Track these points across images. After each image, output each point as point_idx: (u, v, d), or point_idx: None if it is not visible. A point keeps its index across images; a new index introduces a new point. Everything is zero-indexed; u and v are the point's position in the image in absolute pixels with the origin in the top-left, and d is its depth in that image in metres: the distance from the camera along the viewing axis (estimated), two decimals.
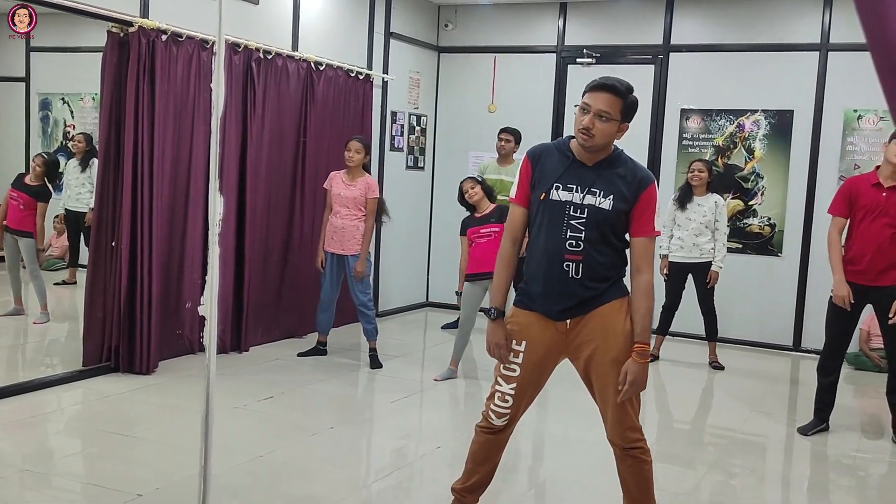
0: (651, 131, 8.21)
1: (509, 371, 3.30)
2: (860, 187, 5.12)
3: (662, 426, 5.63)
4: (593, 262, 3.15)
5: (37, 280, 7.07)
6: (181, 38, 5.91)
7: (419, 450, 4.84)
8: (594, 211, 3.13)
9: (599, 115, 3.08)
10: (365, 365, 6.54)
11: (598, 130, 3.08)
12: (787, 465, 5.01)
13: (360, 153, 6.32)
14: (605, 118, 3.08)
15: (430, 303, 9.30)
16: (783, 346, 7.82)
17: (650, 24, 8.21)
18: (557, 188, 3.17)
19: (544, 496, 4.29)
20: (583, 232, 3.14)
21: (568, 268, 3.16)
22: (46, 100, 8.91)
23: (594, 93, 3.12)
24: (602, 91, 3.11)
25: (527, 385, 3.32)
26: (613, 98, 3.10)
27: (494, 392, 3.34)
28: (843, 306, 5.06)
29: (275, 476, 4.18)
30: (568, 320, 3.22)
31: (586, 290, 3.17)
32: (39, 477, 4.06)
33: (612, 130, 3.11)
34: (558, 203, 3.16)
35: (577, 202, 3.14)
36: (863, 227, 5.03)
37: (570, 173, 3.18)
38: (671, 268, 7.01)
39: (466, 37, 9.00)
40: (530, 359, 3.27)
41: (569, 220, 3.14)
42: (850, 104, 7.50)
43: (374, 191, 6.37)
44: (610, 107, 3.09)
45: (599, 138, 3.10)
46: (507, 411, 3.33)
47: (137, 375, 5.75)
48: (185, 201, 6.15)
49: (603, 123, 3.08)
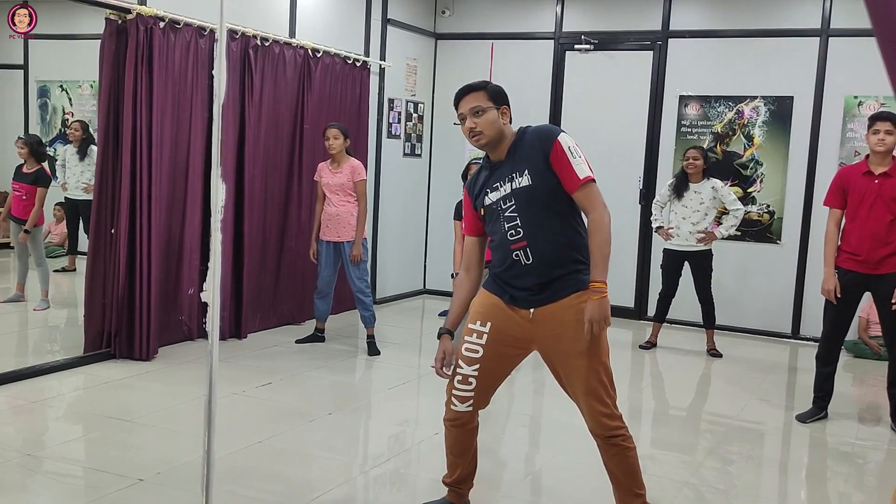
0: (649, 118, 8.21)
1: (472, 353, 3.33)
2: (852, 176, 5.12)
3: (660, 413, 5.64)
4: (538, 243, 3.19)
5: (42, 267, 7.15)
6: (179, 25, 5.90)
7: (417, 436, 4.85)
8: (518, 192, 3.20)
9: (474, 112, 3.22)
10: (363, 352, 6.55)
11: (482, 124, 3.21)
12: (785, 452, 5.02)
13: (338, 139, 6.33)
14: (480, 111, 3.22)
15: (428, 290, 9.31)
16: (782, 334, 7.84)
17: (648, 9, 8.19)
18: (486, 193, 3.30)
19: (540, 483, 4.31)
20: (517, 217, 3.21)
21: (517, 257, 3.23)
22: (45, 87, 8.90)
23: (459, 101, 3.29)
24: (464, 95, 3.28)
25: (490, 367, 3.34)
26: (476, 93, 3.27)
27: (454, 376, 3.37)
28: (829, 299, 5.09)
29: (273, 462, 4.19)
30: (531, 309, 3.24)
31: (542, 275, 3.20)
32: (41, 462, 4.07)
33: (493, 117, 3.24)
34: (491, 205, 3.29)
35: (505, 193, 3.24)
36: (860, 216, 5.03)
37: (491, 177, 3.30)
38: (667, 256, 7.02)
39: (463, 23, 8.98)
40: (493, 340, 3.31)
41: (503, 213, 3.24)
42: (850, 90, 7.49)
43: (361, 173, 6.38)
44: (477, 100, 3.25)
45: (487, 130, 3.22)
46: (469, 394, 3.35)
47: (137, 361, 5.77)
48: (184, 188, 6.16)
49: (481, 117, 3.22)
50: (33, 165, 7.03)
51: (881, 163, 5.01)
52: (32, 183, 6.97)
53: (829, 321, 5.25)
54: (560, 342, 3.22)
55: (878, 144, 4.96)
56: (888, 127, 4.95)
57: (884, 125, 4.96)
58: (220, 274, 2.22)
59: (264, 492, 3.84)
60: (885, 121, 4.97)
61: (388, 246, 8.64)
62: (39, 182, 6.99)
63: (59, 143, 8.79)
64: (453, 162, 8.67)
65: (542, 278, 3.20)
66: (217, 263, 2.19)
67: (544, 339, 3.26)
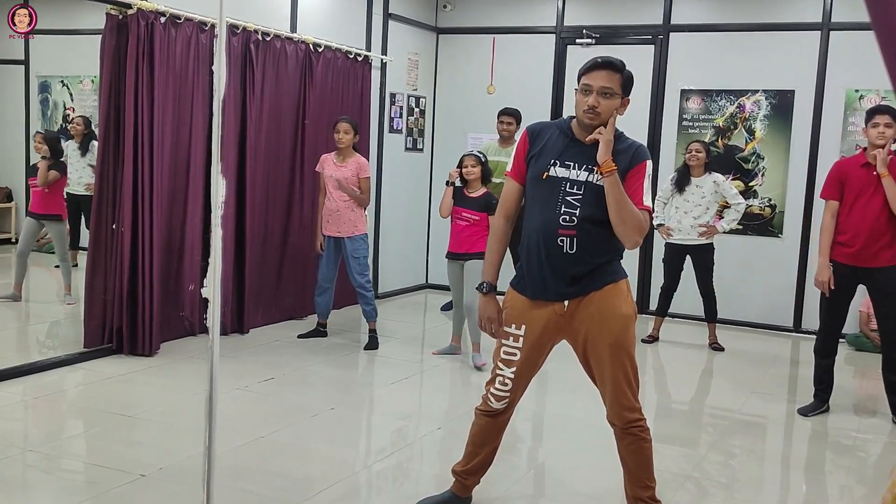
0: (651, 112, 8.20)
1: (510, 356, 3.33)
2: (849, 169, 5.12)
3: (662, 407, 5.65)
4: (587, 237, 3.17)
5: (65, 263, 7.26)
6: (180, 20, 5.90)
7: (419, 430, 4.86)
8: (591, 187, 3.15)
9: (603, 92, 3.14)
10: (365, 346, 6.55)
11: (604, 107, 3.14)
12: (786, 445, 5.03)
13: (348, 133, 6.32)
14: (608, 94, 3.15)
15: (430, 285, 9.31)
16: (783, 328, 7.84)
17: (650, 4, 8.17)
18: (555, 164, 3.21)
19: (544, 476, 4.31)
20: (578, 208, 3.16)
21: (562, 243, 3.18)
22: (46, 83, 8.88)
23: (593, 72, 3.17)
24: (601, 69, 3.17)
25: (526, 368, 3.36)
26: (612, 74, 3.17)
27: (495, 376, 3.37)
28: (823, 290, 5.09)
29: (276, 456, 4.20)
30: (566, 301, 3.24)
31: (581, 267, 3.19)
32: (43, 457, 4.08)
33: (615, 105, 3.17)
34: (555, 179, 3.19)
35: (574, 178, 3.17)
36: (857, 209, 5.04)
37: (569, 151, 3.21)
38: (669, 250, 7.02)
39: (465, 17, 8.97)
40: (529, 342, 3.31)
41: (564, 195, 3.17)
42: (851, 84, 7.48)
43: (366, 170, 6.37)
44: (611, 82, 3.15)
45: (605, 115, 3.15)
46: (506, 394, 3.37)
47: (139, 357, 5.77)
48: (186, 183, 6.16)
49: (607, 100, 3.14)
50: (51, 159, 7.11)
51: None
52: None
53: (824, 313, 5.27)
54: (592, 333, 3.23)
55: (878, 137, 4.96)
56: (887, 120, 4.95)
57: (883, 118, 4.96)
58: (220, 269, 2.21)
59: (266, 487, 3.84)
60: (884, 114, 4.98)
61: (390, 240, 8.63)
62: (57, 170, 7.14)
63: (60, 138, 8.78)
64: (455, 157, 8.62)
65: (579, 270, 3.19)
66: (218, 259, 2.19)
67: (577, 331, 3.27)
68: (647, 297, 8.27)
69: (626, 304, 3.25)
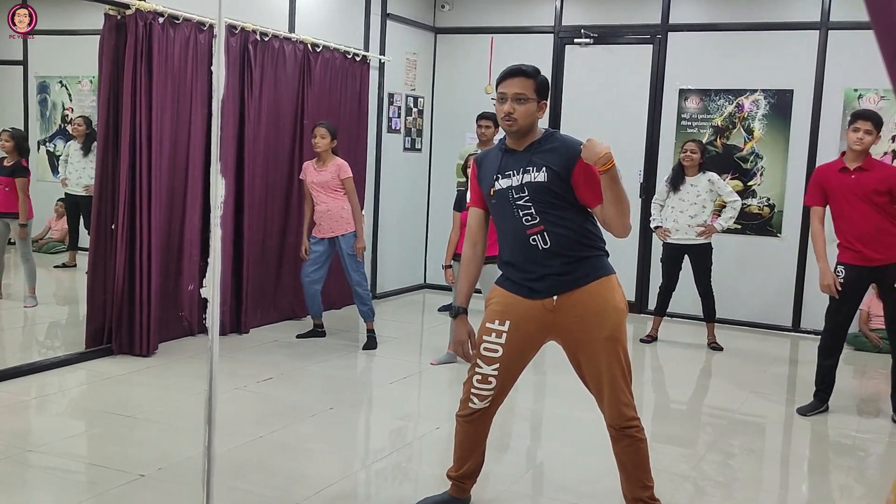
0: (649, 112, 8.20)
1: (490, 352, 3.34)
2: (828, 174, 5.15)
3: (661, 407, 5.65)
4: (556, 228, 3.22)
5: (28, 263, 7.05)
6: (178, 20, 5.89)
7: (418, 430, 4.86)
8: (532, 186, 3.23)
9: (517, 98, 3.25)
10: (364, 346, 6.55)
11: (519, 113, 3.24)
12: (786, 445, 5.03)
13: (325, 138, 6.35)
14: (522, 100, 3.25)
15: (428, 284, 9.31)
16: (782, 327, 7.84)
17: (648, 3, 8.17)
18: (498, 178, 3.32)
19: (542, 477, 4.31)
20: (531, 206, 3.23)
21: (535, 242, 3.24)
22: (44, 83, 8.89)
23: (506, 80, 3.30)
24: (513, 77, 3.29)
25: (510, 365, 3.36)
26: (525, 80, 3.28)
27: (473, 375, 3.38)
28: (830, 294, 5.09)
29: (274, 456, 4.20)
30: (554, 297, 3.25)
31: (561, 259, 3.23)
32: (42, 458, 4.08)
33: (532, 110, 3.26)
34: (501, 191, 3.30)
35: (516, 184, 3.26)
36: (846, 213, 5.05)
37: (504, 162, 3.33)
38: (667, 249, 7.02)
39: (463, 17, 8.97)
40: (514, 338, 3.32)
41: (514, 201, 3.27)
42: (850, 83, 7.48)
43: (346, 171, 6.40)
44: (524, 88, 3.26)
45: (522, 120, 3.25)
46: (489, 393, 3.38)
47: (138, 357, 5.77)
48: (184, 184, 6.16)
49: (522, 105, 3.24)
50: (14, 158, 7.01)
51: (856, 159, 5.05)
52: (10, 175, 6.95)
53: (833, 312, 5.23)
54: (584, 328, 3.24)
55: (856, 143, 4.99)
56: (868, 126, 4.97)
57: (864, 124, 4.98)
58: (219, 269, 2.22)
59: (266, 486, 3.84)
60: (866, 120, 5.00)
61: (389, 240, 8.64)
62: (17, 173, 6.94)
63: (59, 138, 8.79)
64: (453, 156, 8.66)
65: (563, 260, 3.22)
66: (217, 259, 2.19)
67: (567, 327, 3.28)
68: (646, 296, 8.28)
69: (619, 297, 3.29)
